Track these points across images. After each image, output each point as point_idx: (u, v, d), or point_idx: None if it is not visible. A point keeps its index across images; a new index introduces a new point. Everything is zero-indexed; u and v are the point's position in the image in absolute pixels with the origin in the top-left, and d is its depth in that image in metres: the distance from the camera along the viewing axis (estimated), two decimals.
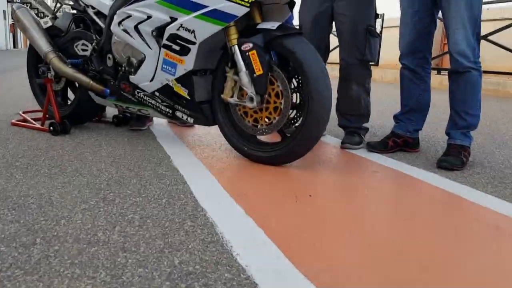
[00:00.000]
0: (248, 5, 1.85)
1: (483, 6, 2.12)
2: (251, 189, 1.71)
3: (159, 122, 3.13)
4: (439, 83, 7.56)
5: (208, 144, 2.47)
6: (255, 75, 1.93)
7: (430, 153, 2.43)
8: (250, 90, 1.96)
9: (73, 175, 1.83)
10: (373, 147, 2.40)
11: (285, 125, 1.99)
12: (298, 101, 2.01)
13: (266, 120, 2.03)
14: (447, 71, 2.31)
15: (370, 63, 2.50)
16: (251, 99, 1.97)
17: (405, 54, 2.35)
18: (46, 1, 3.00)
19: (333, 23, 2.50)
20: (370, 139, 2.60)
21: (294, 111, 2.04)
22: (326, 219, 1.43)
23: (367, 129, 2.61)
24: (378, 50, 2.55)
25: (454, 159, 2.09)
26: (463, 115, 2.17)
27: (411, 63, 2.33)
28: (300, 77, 1.93)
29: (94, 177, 1.80)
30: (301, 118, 2.01)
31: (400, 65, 2.41)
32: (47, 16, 2.83)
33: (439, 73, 7.85)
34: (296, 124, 2.04)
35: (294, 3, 2.07)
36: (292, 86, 1.99)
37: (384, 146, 2.39)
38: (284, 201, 1.58)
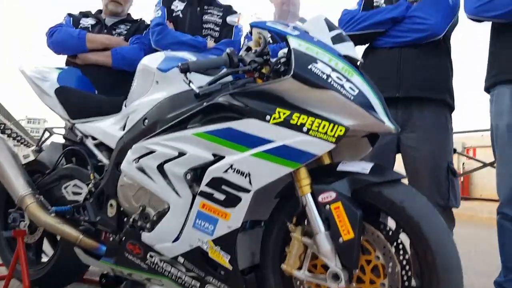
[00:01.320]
0: (334, 140, 1.30)
1: None
2: None
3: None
4: None
5: None
6: (341, 239, 1.30)
7: None
8: (333, 262, 1.31)
9: None
10: None
11: None
12: (403, 278, 1.35)
13: None
14: None
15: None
16: (335, 277, 1.30)
17: (508, 201, 1.79)
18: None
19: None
20: None
21: None
22: None
23: None
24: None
25: None
26: None
27: None
28: (413, 245, 1.30)
29: None
30: None
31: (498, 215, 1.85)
32: (26, 143, 2.22)
33: None
34: None
35: (378, 137, 1.53)
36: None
37: None
38: None
